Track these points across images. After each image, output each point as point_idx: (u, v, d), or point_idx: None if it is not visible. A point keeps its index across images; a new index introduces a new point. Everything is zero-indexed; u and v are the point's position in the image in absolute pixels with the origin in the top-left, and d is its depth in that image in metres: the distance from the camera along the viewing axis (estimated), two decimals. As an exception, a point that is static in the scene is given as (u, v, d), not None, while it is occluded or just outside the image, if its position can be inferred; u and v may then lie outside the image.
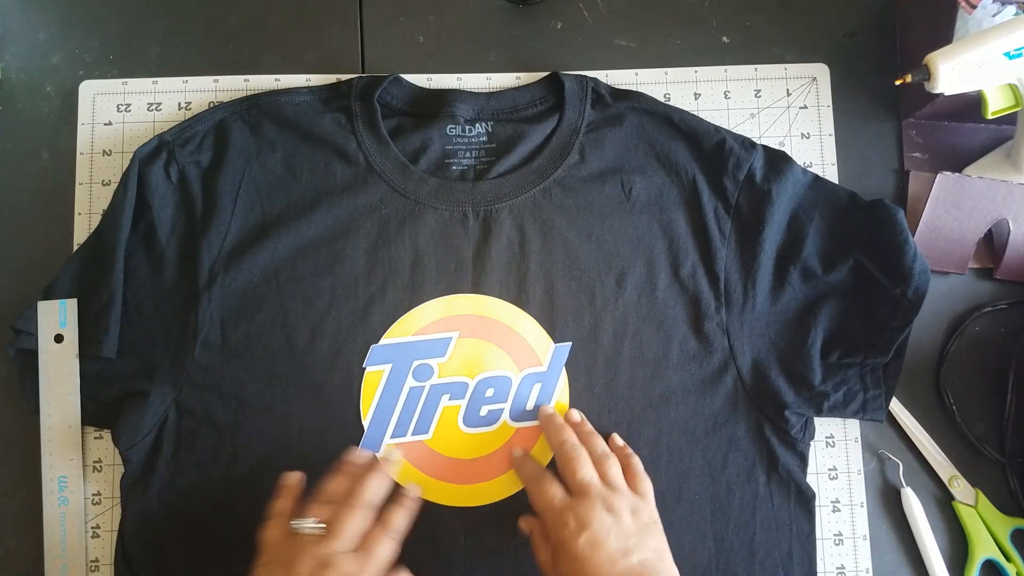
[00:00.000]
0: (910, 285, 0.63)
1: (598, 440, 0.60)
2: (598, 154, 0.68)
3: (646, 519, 0.56)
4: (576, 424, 0.63)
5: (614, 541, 0.53)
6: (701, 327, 0.65)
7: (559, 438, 0.60)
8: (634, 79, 0.73)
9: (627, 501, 0.56)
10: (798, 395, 0.64)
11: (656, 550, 0.54)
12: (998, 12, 0.64)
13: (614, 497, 0.55)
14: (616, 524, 0.54)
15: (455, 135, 0.68)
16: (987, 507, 0.67)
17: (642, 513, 0.56)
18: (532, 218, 0.66)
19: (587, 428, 0.62)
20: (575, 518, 0.54)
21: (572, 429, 0.61)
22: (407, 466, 0.64)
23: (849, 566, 0.67)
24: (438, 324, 0.65)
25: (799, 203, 0.67)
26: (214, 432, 0.63)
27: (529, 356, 0.65)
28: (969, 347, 0.70)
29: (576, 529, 0.53)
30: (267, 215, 0.66)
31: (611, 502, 0.55)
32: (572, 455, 0.58)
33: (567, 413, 0.64)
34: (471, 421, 0.65)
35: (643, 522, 0.55)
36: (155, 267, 0.65)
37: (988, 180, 0.68)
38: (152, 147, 0.66)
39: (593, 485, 0.56)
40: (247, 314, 0.65)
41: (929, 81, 0.59)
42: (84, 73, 0.72)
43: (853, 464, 0.68)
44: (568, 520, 0.54)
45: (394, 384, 0.64)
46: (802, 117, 0.72)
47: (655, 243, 0.66)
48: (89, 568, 0.65)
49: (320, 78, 0.72)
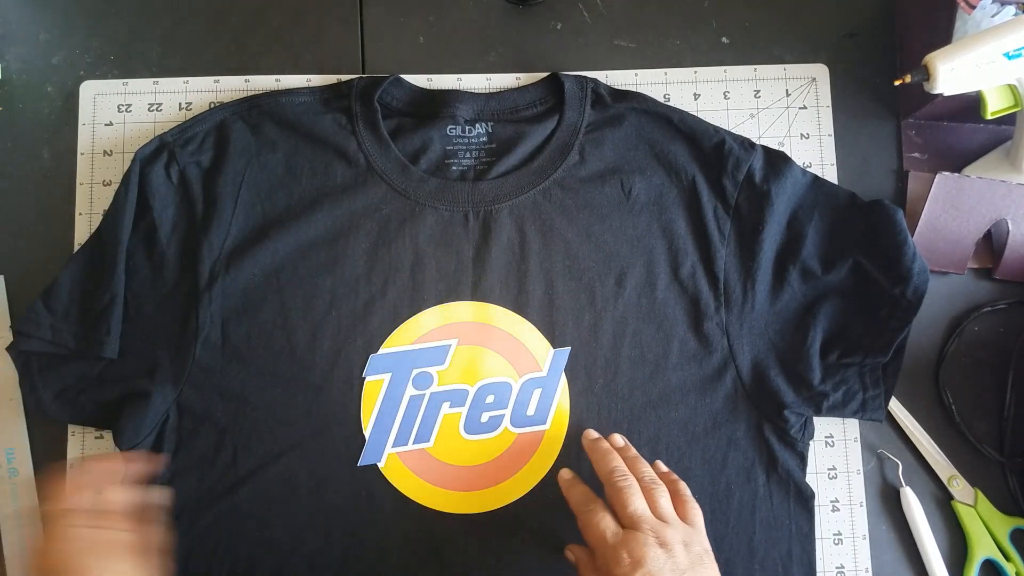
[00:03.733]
0: (909, 285, 0.63)
1: (645, 467, 0.59)
2: (598, 154, 0.68)
3: (698, 550, 0.54)
4: (621, 449, 0.61)
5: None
6: (701, 327, 0.65)
7: (609, 466, 0.58)
8: (634, 79, 0.73)
9: (679, 534, 0.54)
10: (797, 395, 0.64)
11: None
12: (997, 12, 0.64)
13: (666, 531, 0.54)
14: (670, 559, 0.52)
15: (455, 135, 0.69)
16: (986, 507, 0.67)
17: (694, 544, 0.54)
18: (532, 218, 0.67)
19: (632, 453, 0.61)
20: (629, 554, 0.53)
21: (620, 454, 0.60)
22: (410, 475, 0.64)
23: (848, 566, 0.67)
24: (437, 332, 0.65)
25: (798, 203, 0.67)
26: (215, 432, 0.64)
27: (528, 361, 0.65)
28: (968, 347, 0.70)
29: (630, 567, 0.52)
30: (268, 215, 0.66)
31: (664, 536, 0.54)
32: (622, 485, 0.57)
33: (611, 438, 0.62)
34: (472, 428, 0.65)
35: (696, 554, 0.54)
36: (156, 267, 0.65)
37: (987, 180, 0.68)
38: (153, 147, 0.66)
39: (645, 519, 0.55)
40: (248, 314, 0.65)
41: (928, 81, 0.59)
42: (85, 73, 0.72)
43: (852, 464, 0.68)
44: (622, 556, 0.53)
45: (394, 393, 0.64)
46: (802, 117, 0.73)
47: (655, 243, 0.66)
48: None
49: (320, 78, 0.72)
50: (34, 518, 0.64)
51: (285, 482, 0.63)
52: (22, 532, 0.65)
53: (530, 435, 0.65)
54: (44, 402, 0.63)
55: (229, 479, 0.63)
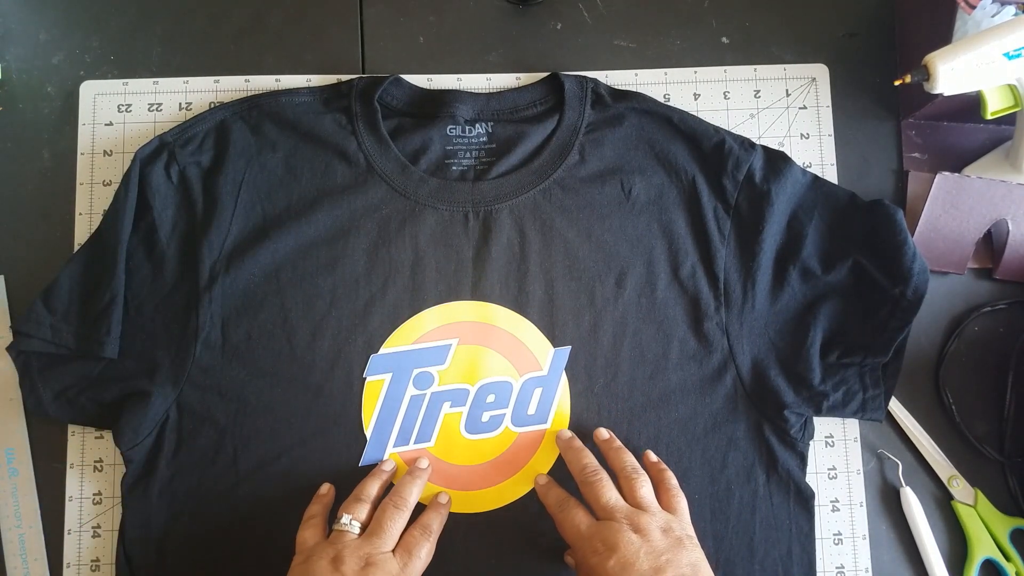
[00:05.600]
0: (909, 285, 0.63)
1: (627, 456, 0.59)
2: (598, 154, 0.68)
3: (678, 535, 0.54)
4: (605, 441, 0.62)
5: (644, 561, 0.52)
6: (701, 327, 0.65)
7: (580, 463, 0.59)
8: (634, 79, 0.73)
9: (656, 519, 0.55)
10: (797, 395, 0.64)
11: (692, 565, 0.53)
12: (997, 12, 0.64)
13: (641, 517, 0.54)
14: (645, 544, 0.52)
15: (455, 135, 0.69)
16: (986, 507, 0.67)
17: (673, 530, 0.54)
18: (532, 218, 0.67)
19: (615, 444, 0.61)
20: (603, 542, 0.53)
21: (603, 447, 0.61)
22: None
23: (848, 566, 0.67)
24: (437, 332, 0.65)
25: (798, 203, 0.67)
26: (215, 432, 0.64)
27: (529, 361, 0.65)
28: (968, 347, 0.70)
29: (605, 553, 0.52)
30: (268, 215, 0.66)
31: (638, 522, 0.54)
32: (593, 480, 0.57)
33: (596, 432, 0.63)
34: (473, 427, 0.65)
35: (675, 538, 0.54)
36: (156, 267, 0.65)
37: (987, 180, 0.68)
38: (153, 147, 0.66)
39: (618, 507, 0.55)
40: (248, 314, 0.65)
41: (928, 81, 0.59)
42: (85, 73, 0.72)
43: (852, 464, 0.68)
44: (596, 545, 0.53)
45: (395, 393, 0.65)
46: (802, 117, 0.73)
47: (655, 243, 0.66)
48: (91, 568, 0.65)
49: (320, 78, 0.72)
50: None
51: (285, 482, 0.63)
52: (22, 532, 0.65)
53: (531, 434, 0.65)
54: (44, 402, 0.63)
55: (229, 479, 0.63)
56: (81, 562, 0.65)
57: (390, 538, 0.56)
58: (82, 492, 0.66)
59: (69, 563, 0.65)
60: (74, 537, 0.66)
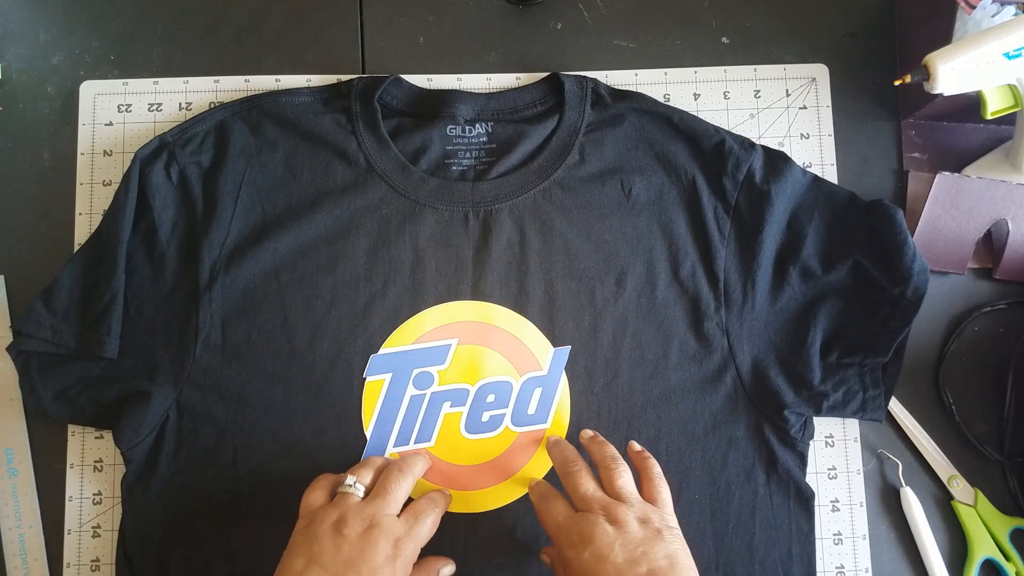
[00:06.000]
0: (909, 285, 0.63)
1: (607, 447, 0.59)
2: (598, 154, 0.68)
3: (657, 526, 0.53)
4: (589, 438, 0.62)
5: (619, 552, 0.51)
6: (701, 327, 0.65)
7: (560, 457, 0.59)
8: (634, 79, 0.73)
9: (633, 510, 0.54)
10: (797, 395, 0.64)
11: (669, 557, 0.51)
12: (997, 12, 0.64)
13: (617, 509, 0.53)
14: (620, 535, 0.52)
15: (455, 135, 0.69)
16: (986, 507, 0.67)
17: (652, 521, 0.53)
18: (532, 218, 0.67)
19: (598, 439, 0.61)
20: (578, 534, 0.52)
21: (586, 443, 0.61)
22: None
23: (848, 566, 0.67)
24: (437, 332, 0.65)
25: (798, 203, 0.67)
26: (215, 432, 0.64)
27: (529, 361, 0.65)
28: (968, 347, 0.70)
29: (580, 545, 0.52)
30: (268, 215, 0.66)
31: (614, 513, 0.53)
32: (571, 471, 0.57)
33: (581, 432, 0.63)
34: (473, 427, 0.65)
35: (653, 529, 0.53)
36: (156, 267, 0.65)
37: (987, 180, 0.68)
38: (153, 147, 0.66)
39: (595, 499, 0.54)
40: (248, 314, 0.65)
41: (928, 81, 0.59)
42: (85, 73, 0.72)
43: (852, 464, 0.68)
44: (572, 537, 0.53)
45: (395, 393, 0.65)
46: (801, 117, 0.73)
47: (655, 243, 0.66)
48: (91, 568, 0.65)
49: (320, 78, 0.72)
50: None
51: (285, 482, 0.63)
52: (22, 532, 0.65)
53: (531, 434, 0.65)
54: (44, 402, 0.63)
55: (229, 479, 0.63)
56: (81, 562, 0.65)
57: (395, 501, 0.54)
58: (82, 492, 0.66)
59: (69, 563, 0.65)
60: (74, 537, 0.66)
